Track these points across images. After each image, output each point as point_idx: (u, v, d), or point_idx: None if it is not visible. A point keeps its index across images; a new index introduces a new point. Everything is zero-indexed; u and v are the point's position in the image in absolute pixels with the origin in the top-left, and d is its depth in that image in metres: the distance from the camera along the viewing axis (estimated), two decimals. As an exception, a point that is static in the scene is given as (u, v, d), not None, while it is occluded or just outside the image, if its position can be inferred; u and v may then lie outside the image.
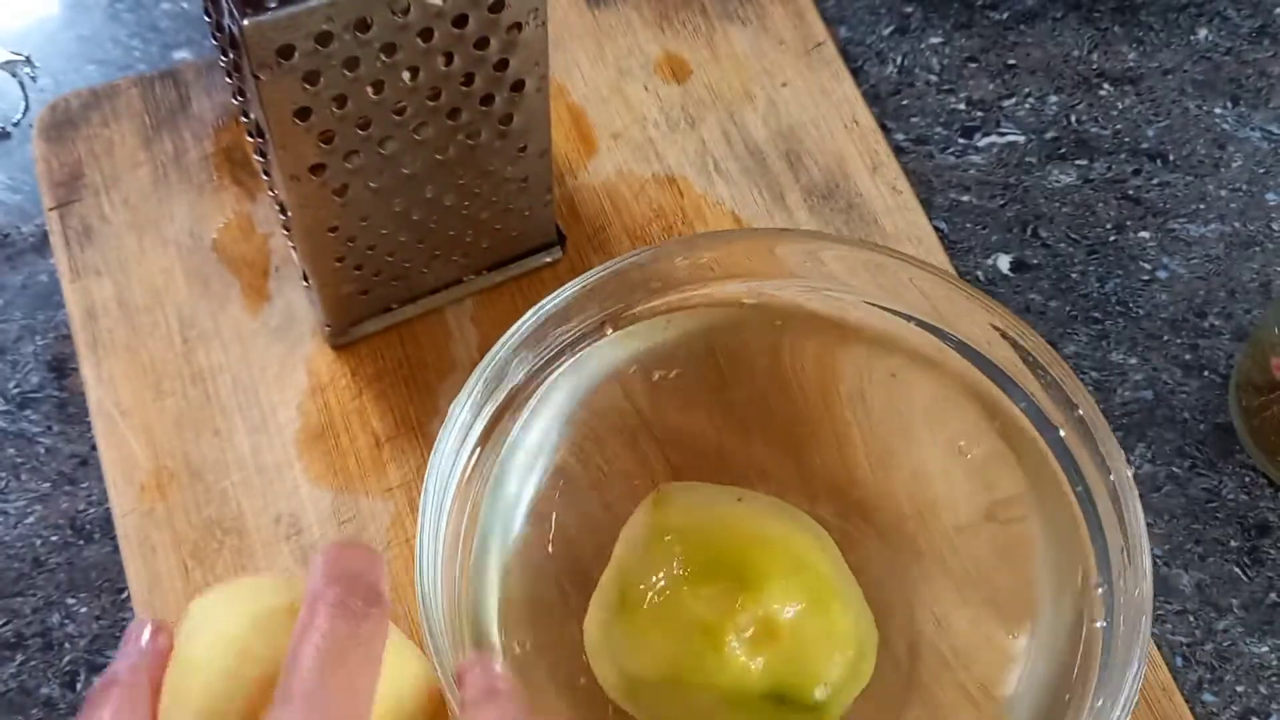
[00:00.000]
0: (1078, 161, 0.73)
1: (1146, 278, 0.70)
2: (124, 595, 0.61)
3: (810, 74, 0.74)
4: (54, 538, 0.63)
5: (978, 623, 0.56)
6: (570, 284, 0.59)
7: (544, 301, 0.58)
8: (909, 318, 0.60)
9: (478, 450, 0.58)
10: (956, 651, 0.56)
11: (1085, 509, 0.55)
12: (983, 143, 0.74)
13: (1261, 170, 0.72)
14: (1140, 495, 0.55)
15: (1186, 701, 0.60)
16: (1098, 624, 0.53)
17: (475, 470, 0.58)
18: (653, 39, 0.75)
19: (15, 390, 0.67)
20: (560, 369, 0.61)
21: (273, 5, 0.48)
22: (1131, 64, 0.75)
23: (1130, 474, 0.54)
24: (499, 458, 0.59)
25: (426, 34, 0.52)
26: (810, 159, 0.72)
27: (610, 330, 0.61)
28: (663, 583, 0.51)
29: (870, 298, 0.60)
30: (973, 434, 0.59)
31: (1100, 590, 0.54)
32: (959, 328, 0.59)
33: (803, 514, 0.56)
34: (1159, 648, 0.61)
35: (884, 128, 0.74)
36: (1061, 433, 0.56)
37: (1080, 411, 0.55)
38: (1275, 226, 0.71)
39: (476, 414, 0.57)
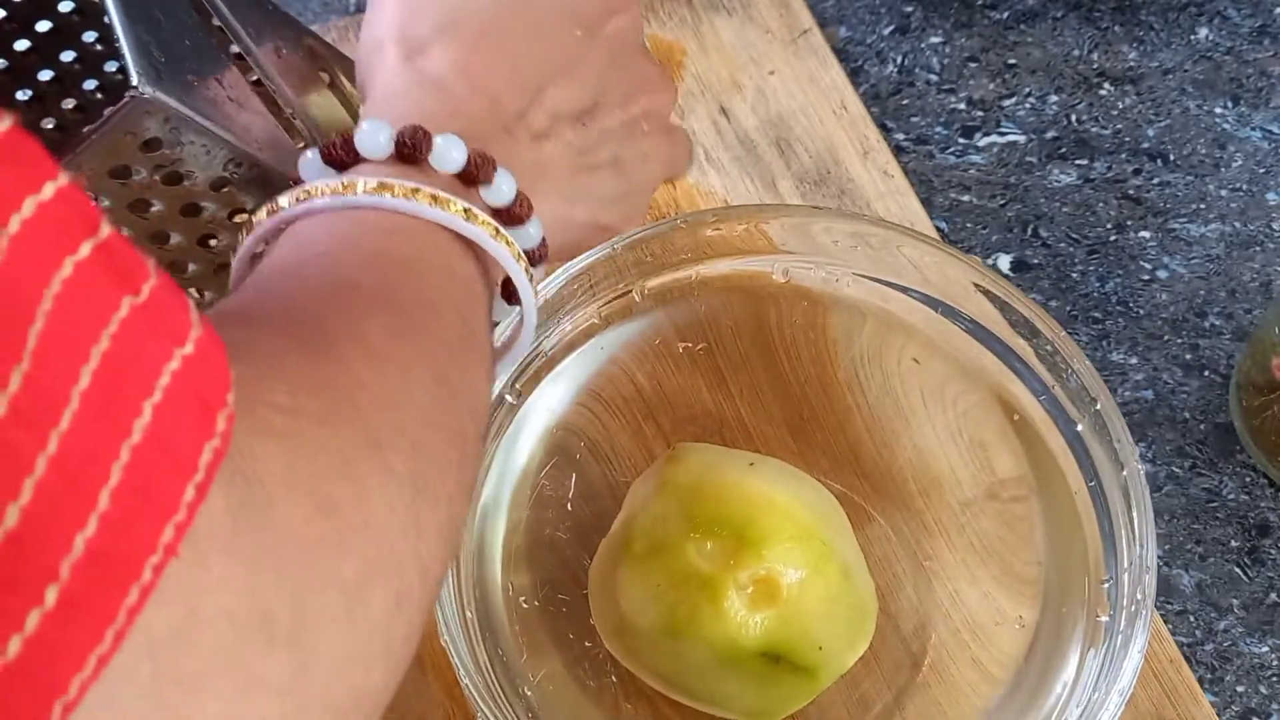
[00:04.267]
0: (1078, 161, 0.79)
1: (1147, 277, 0.76)
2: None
3: (798, 62, 0.81)
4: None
5: (988, 599, 0.62)
6: (560, 270, 0.65)
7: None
8: (927, 299, 0.66)
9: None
10: (968, 627, 0.61)
11: (1097, 504, 0.61)
12: (983, 142, 0.80)
13: (1262, 170, 0.78)
14: (1142, 495, 0.60)
15: (1200, 640, 0.65)
16: (1102, 618, 0.59)
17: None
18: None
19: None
20: (559, 353, 0.67)
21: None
22: (1132, 63, 0.82)
23: (1142, 470, 0.59)
24: (504, 441, 0.64)
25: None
26: (801, 146, 0.78)
27: (608, 313, 0.67)
28: (668, 535, 0.57)
29: (869, 272, 0.67)
30: (978, 415, 0.65)
31: (1107, 585, 0.60)
32: (969, 308, 0.65)
33: (813, 480, 0.61)
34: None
35: (884, 127, 0.80)
36: (1079, 427, 0.62)
37: (1099, 406, 0.61)
38: (1276, 226, 0.77)
39: None
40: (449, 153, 0.47)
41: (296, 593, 0.34)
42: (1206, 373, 0.74)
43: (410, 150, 0.47)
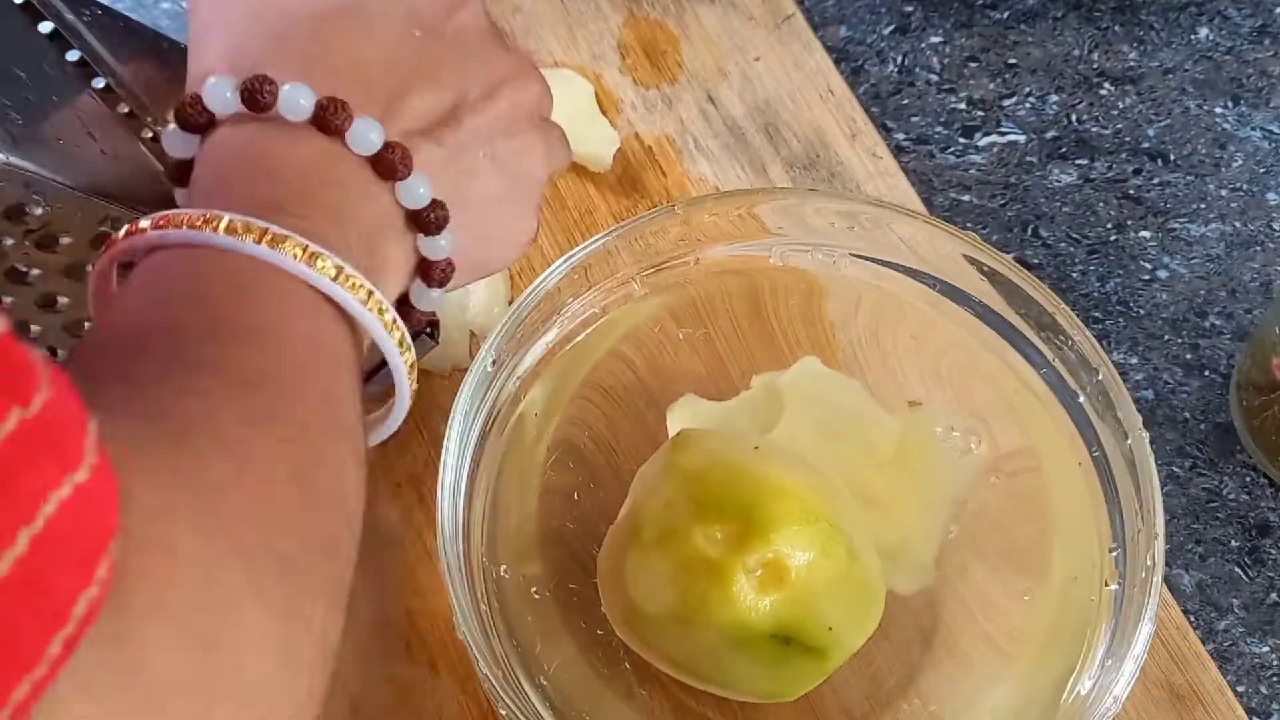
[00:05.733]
0: (1078, 161, 0.81)
1: (1147, 277, 0.78)
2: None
3: (782, 47, 0.83)
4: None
5: (995, 573, 0.64)
6: (560, 261, 0.66)
7: (535, 284, 0.66)
8: (922, 276, 0.68)
9: (482, 441, 0.65)
10: (977, 602, 0.63)
11: (1101, 473, 0.63)
12: (983, 142, 0.82)
13: (1262, 170, 0.81)
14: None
15: (1201, 640, 0.68)
16: (1111, 586, 0.61)
17: (484, 454, 0.66)
18: (623, 22, 0.84)
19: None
20: (558, 345, 0.69)
21: None
22: (1132, 63, 0.84)
23: (1146, 437, 0.61)
24: (508, 435, 0.66)
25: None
26: (789, 131, 0.81)
27: (606, 303, 0.69)
28: (675, 521, 0.59)
29: (863, 252, 0.69)
30: (979, 390, 0.67)
31: (1114, 554, 0.62)
32: (965, 283, 0.67)
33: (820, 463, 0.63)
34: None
35: (884, 127, 0.82)
36: (1081, 398, 0.64)
37: (1100, 376, 0.63)
38: (1276, 226, 0.80)
39: (473, 413, 0.65)
40: (296, 100, 0.46)
41: None
42: (1206, 373, 0.76)
43: (255, 98, 0.46)
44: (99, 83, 0.57)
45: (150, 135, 0.58)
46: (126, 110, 0.57)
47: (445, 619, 0.66)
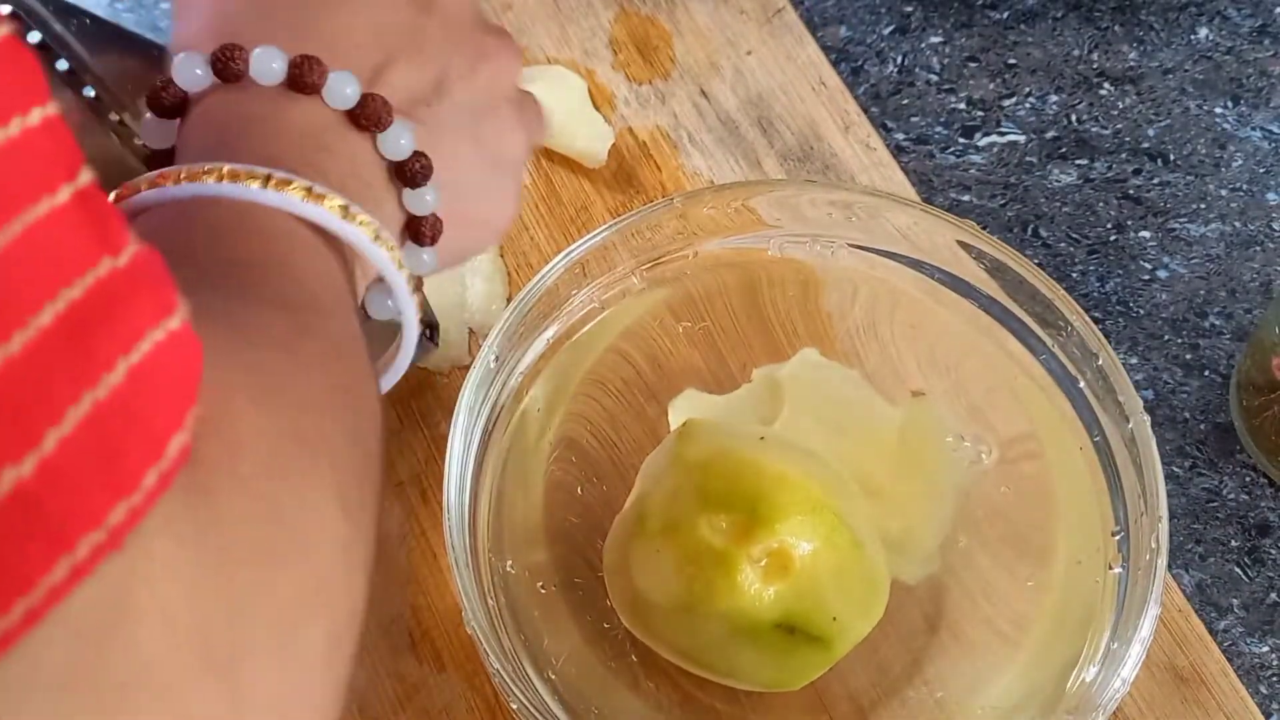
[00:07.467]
0: (1078, 161, 0.83)
1: (1147, 277, 0.80)
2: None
3: (773, 40, 0.86)
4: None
5: (998, 560, 0.65)
6: (559, 257, 0.68)
7: (535, 281, 0.68)
8: (918, 264, 0.70)
9: (486, 437, 0.67)
10: (980, 588, 0.65)
11: (1103, 458, 0.65)
12: (983, 142, 0.84)
13: (1262, 170, 0.83)
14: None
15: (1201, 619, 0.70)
16: (1114, 570, 0.63)
17: (489, 451, 0.68)
18: (614, 18, 0.87)
19: None
20: (559, 340, 0.71)
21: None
22: (1132, 63, 0.87)
23: (1148, 420, 0.63)
24: (511, 430, 0.68)
25: None
26: (782, 124, 0.83)
27: (606, 298, 0.71)
28: (681, 511, 0.60)
29: (860, 242, 0.71)
30: (978, 377, 0.69)
31: (1118, 537, 0.63)
32: (962, 271, 0.69)
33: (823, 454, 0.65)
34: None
35: (884, 127, 0.84)
36: (1081, 384, 0.66)
37: (1100, 361, 0.65)
38: (1276, 226, 0.82)
39: (477, 410, 0.67)
40: (268, 64, 0.46)
41: (235, 609, 0.31)
42: (1206, 373, 0.77)
43: (226, 66, 0.46)
44: (89, 91, 0.58)
45: (142, 143, 0.59)
46: (116, 119, 0.59)
47: (451, 617, 0.68)
